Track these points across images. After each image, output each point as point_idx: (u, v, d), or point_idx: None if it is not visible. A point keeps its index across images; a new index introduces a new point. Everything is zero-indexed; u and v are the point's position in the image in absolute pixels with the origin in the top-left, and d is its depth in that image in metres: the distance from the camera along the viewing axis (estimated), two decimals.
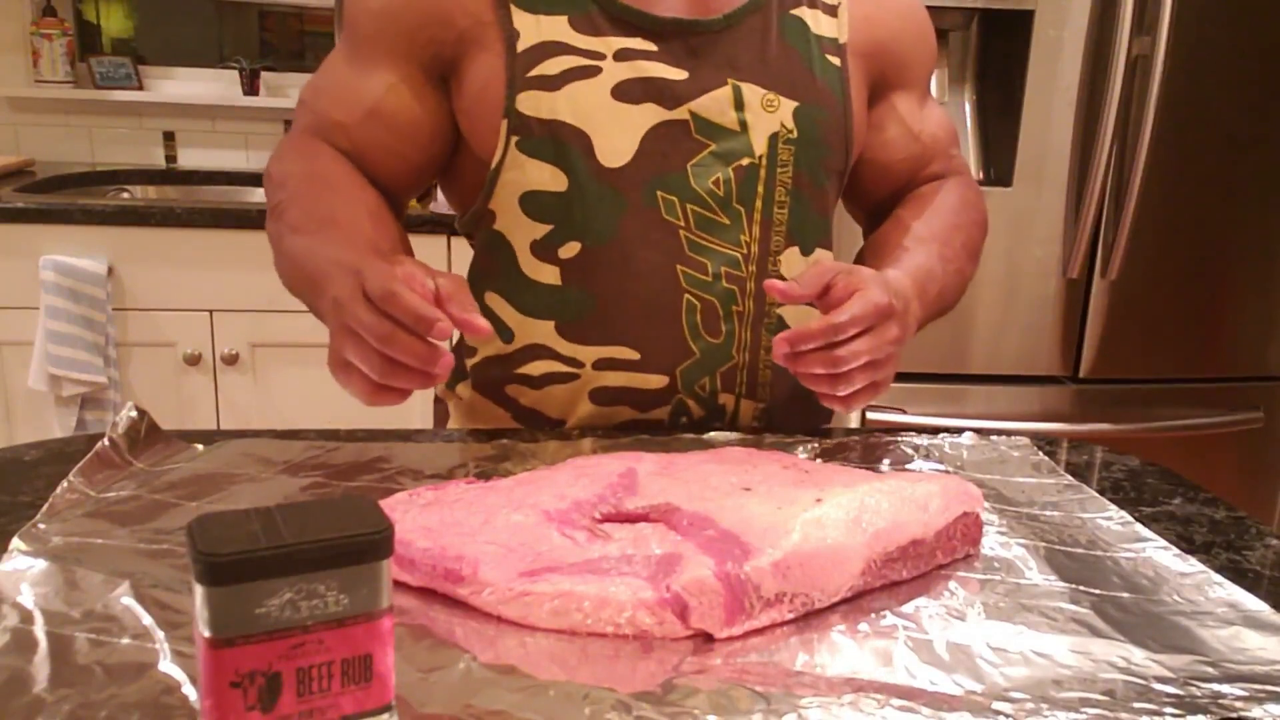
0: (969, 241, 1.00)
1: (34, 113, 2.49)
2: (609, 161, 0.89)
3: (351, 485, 0.77)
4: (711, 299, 0.92)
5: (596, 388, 0.93)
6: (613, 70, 0.88)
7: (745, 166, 0.91)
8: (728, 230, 0.92)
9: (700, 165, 0.90)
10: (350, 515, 0.46)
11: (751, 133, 0.91)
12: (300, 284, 0.87)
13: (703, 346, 0.93)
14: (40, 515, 0.68)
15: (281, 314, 2.06)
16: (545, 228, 0.91)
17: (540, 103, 0.87)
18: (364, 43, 0.91)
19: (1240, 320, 2.08)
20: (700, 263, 0.91)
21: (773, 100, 0.91)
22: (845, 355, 0.77)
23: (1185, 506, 0.81)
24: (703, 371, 0.94)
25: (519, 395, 0.96)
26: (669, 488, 0.71)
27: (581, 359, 0.93)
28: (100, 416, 2.05)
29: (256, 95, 2.54)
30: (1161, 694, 0.54)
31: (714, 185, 0.90)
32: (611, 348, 0.92)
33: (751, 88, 0.90)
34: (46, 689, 0.51)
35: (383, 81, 0.91)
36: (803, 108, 0.92)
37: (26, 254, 1.97)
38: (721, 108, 0.90)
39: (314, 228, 0.86)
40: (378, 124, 0.92)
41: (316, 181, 0.90)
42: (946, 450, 0.89)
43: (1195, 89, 1.94)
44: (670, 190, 0.90)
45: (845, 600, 0.63)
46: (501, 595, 0.59)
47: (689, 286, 0.92)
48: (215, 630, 0.42)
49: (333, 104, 0.93)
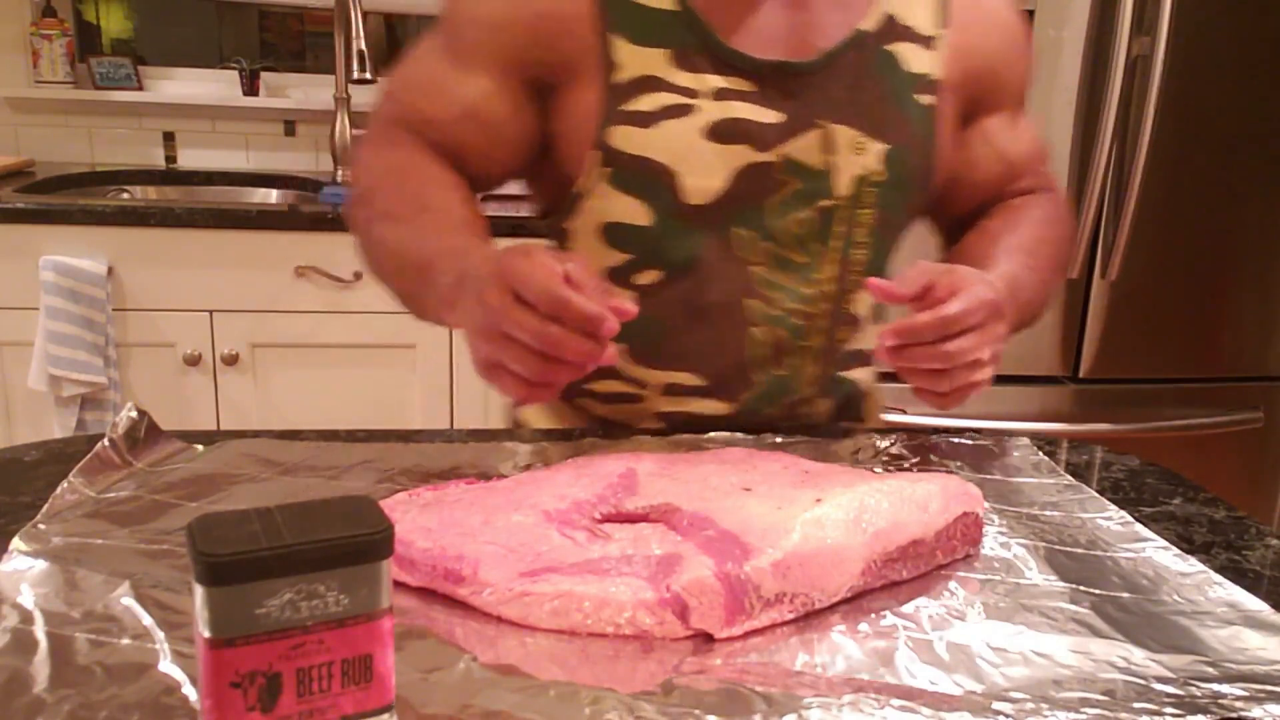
0: (1055, 255, 0.98)
1: (34, 113, 2.49)
2: (693, 199, 0.88)
3: (351, 486, 0.77)
4: (781, 333, 0.92)
5: (660, 411, 0.95)
6: (707, 110, 0.87)
7: (827, 207, 0.90)
8: (804, 268, 0.91)
9: (783, 204, 0.89)
10: (350, 515, 0.46)
11: (838, 174, 0.89)
12: (395, 270, 0.87)
13: (768, 379, 0.93)
14: (40, 516, 0.68)
15: (281, 314, 2.06)
16: (624, 256, 0.91)
17: (632, 138, 0.87)
18: (467, 47, 0.90)
19: (1240, 320, 2.08)
20: (772, 298, 0.91)
21: (862, 143, 0.89)
22: (953, 351, 0.75)
23: (1185, 506, 0.81)
24: (766, 403, 0.94)
25: (590, 406, 0.98)
26: (669, 488, 0.71)
27: (648, 382, 0.94)
28: (100, 417, 2.05)
29: (256, 96, 2.54)
30: (1161, 694, 0.54)
31: (793, 224, 0.90)
32: (678, 374, 0.93)
33: (842, 129, 0.89)
34: (47, 689, 0.50)
35: (481, 86, 0.90)
36: (891, 150, 0.90)
37: (26, 254, 1.97)
38: (811, 150, 0.88)
39: (408, 214, 0.86)
40: (472, 125, 0.91)
41: (406, 169, 0.89)
42: (946, 450, 0.89)
43: (1195, 89, 1.94)
44: (750, 227, 0.89)
45: (845, 600, 0.63)
46: (501, 595, 0.59)
47: (759, 321, 0.92)
48: (215, 630, 0.42)
49: (426, 100, 0.92)
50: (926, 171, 0.94)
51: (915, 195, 0.94)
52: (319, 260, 2.04)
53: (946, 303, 0.76)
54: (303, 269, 2.04)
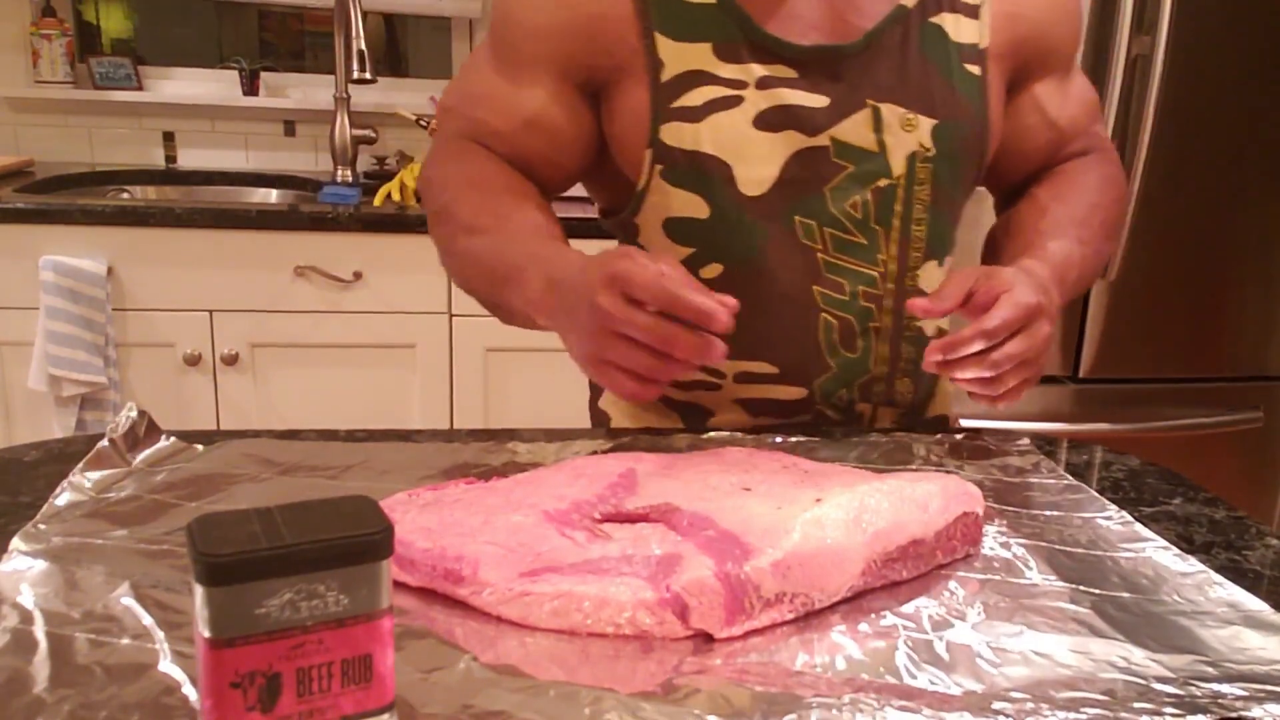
0: (1108, 220, 0.98)
1: (33, 113, 2.49)
2: (749, 190, 0.89)
3: (351, 486, 0.77)
4: (848, 317, 0.93)
5: (738, 399, 0.96)
6: (754, 99, 0.87)
7: (883, 188, 0.90)
8: (865, 250, 0.92)
9: (838, 188, 0.90)
10: (350, 515, 0.46)
11: (890, 154, 0.90)
12: (483, 281, 0.88)
13: (840, 361, 0.94)
14: (40, 516, 0.68)
15: (281, 314, 2.06)
16: (687, 250, 0.92)
17: (683, 134, 0.88)
18: (520, 58, 0.92)
19: (1240, 320, 2.08)
20: (837, 282, 0.92)
21: (911, 120, 0.89)
22: (1000, 359, 0.77)
23: (1185, 506, 0.81)
24: (840, 384, 0.95)
25: (670, 394, 0.99)
26: (669, 488, 0.71)
27: (722, 371, 0.95)
28: (100, 417, 2.05)
29: (256, 95, 2.54)
30: (1161, 694, 0.54)
31: (851, 208, 0.90)
32: (751, 363, 0.94)
33: (891, 108, 0.89)
34: (46, 689, 0.50)
35: (539, 96, 0.91)
36: (942, 125, 0.90)
37: (26, 254, 1.97)
38: (860, 131, 0.89)
39: (490, 225, 0.87)
40: (535, 133, 0.92)
41: (481, 182, 0.91)
42: (946, 450, 0.89)
43: (1195, 89, 1.94)
44: (809, 214, 0.90)
45: (845, 600, 0.63)
46: (501, 595, 0.59)
47: (826, 306, 0.92)
48: (215, 630, 0.42)
49: (488, 112, 0.94)
50: (980, 143, 0.93)
51: (970, 168, 0.94)
52: (319, 260, 2.04)
53: (988, 314, 0.77)
54: (302, 269, 2.04)
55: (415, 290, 2.08)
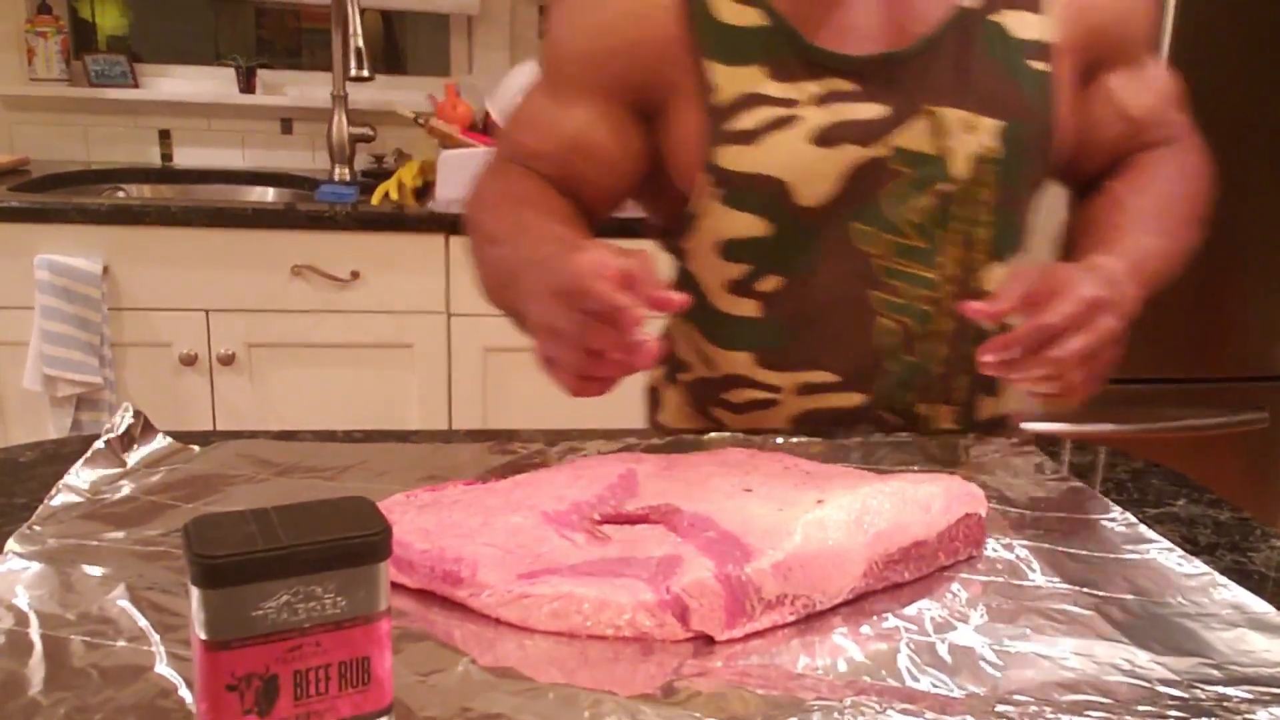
0: (1188, 211, 0.96)
1: (28, 111, 2.49)
2: (808, 203, 0.88)
3: (349, 487, 0.76)
4: (908, 321, 0.92)
5: (798, 411, 0.95)
6: (811, 116, 0.86)
7: (943, 192, 0.89)
8: (926, 254, 0.91)
9: (897, 194, 0.89)
10: (348, 517, 0.45)
11: (952, 158, 0.88)
12: (498, 291, 0.89)
13: (900, 366, 0.94)
14: (35, 517, 0.68)
15: (278, 314, 2.06)
16: (743, 268, 0.92)
17: (740, 157, 0.87)
18: (566, 80, 0.92)
19: (1245, 320, 2.08)
20: (896, 287, 0.91)
21: (973, 122, 0.88)
22: (1061, 355, 0.75)
23: (1189, 508, 0.81)
24: (901, 388, 0.95)
25: (724, 418, 0.99)
26: (669, 489, 0.70)
27: (781, 385, 0.95)
28: (96, 417, 2.04)
29: (253, 93, 2.54)
30: (1166, 696, 0.54)
31: (911, 212, 0.89)
32: (810, 373, 0.94)
33: (951, 112, 0.88)
34: (42, 692, 0.50)
35: (583, 116, 0.91)
36: (1006, 126, 0.88)
37: (21, 253, 1.96)
38: (920, 137, 0.88)
39: (508, 236, 0.87)
40: (577, 154, 0.92)
41: (510, 197, 0.92)
42: (948, 451, 0.89)
43: (1195, 89, 1.93)
44: (868, 222, 0.89)
45: (847, 602, 0.62)
46: (500, 597, 0.59)
47: (886, 312, 0.92)
48: (211, 633, 0.42)
49: (532, 135, 0.94)
50: (1046, 142, 0.92)
51: (1037, 167, 0.93)
52: (316, 259, 2.03)
53: (1044, 310, 0.75)
54: (299, 268, 2.04)
55: (413, 290, 2.08)
